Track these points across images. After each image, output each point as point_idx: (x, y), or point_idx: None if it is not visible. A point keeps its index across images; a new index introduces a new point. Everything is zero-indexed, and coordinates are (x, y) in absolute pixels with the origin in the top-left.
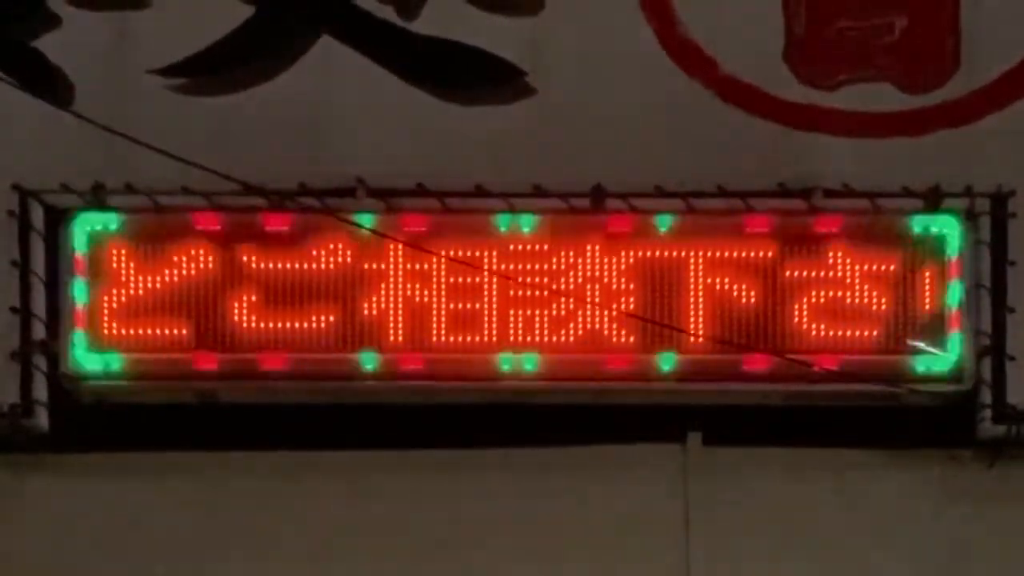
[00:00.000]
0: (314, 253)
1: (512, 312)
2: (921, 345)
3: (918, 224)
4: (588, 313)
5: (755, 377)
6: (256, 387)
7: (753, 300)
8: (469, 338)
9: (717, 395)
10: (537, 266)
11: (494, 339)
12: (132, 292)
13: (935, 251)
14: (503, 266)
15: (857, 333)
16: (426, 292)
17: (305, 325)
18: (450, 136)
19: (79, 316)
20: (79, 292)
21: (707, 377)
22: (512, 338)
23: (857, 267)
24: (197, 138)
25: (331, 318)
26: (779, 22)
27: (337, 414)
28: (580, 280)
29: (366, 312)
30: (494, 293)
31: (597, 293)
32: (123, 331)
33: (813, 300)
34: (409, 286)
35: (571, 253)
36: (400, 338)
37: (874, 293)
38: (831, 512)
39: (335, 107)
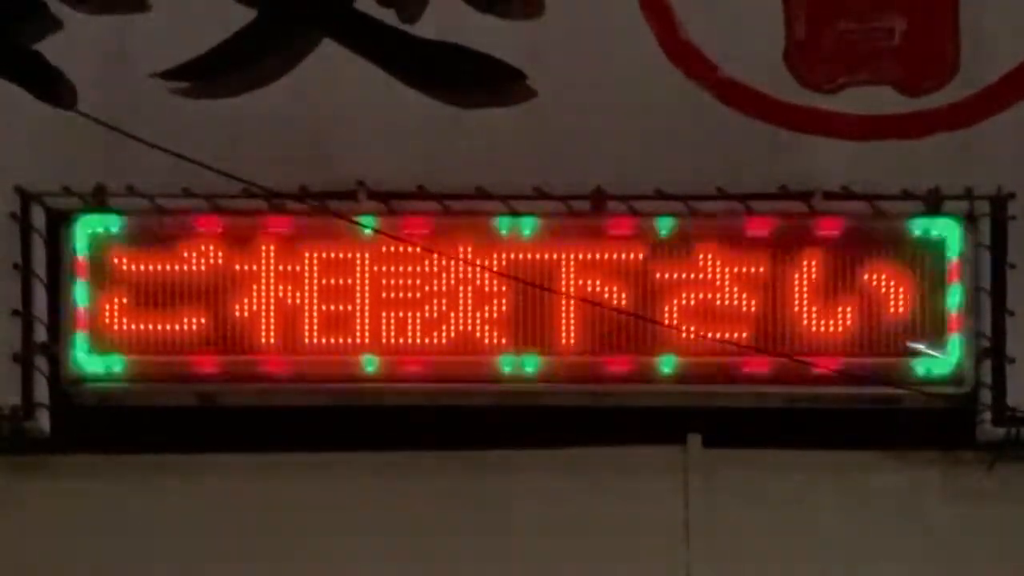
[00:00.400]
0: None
1: (384, 314)
2: (922, 347)
3: (918, 227)
4: (460, 315)
5: (755, 379)
6: (257, 389)
7: (624, 302)
8: (339, 340)
9: (717, 397)
10: (410, 268)
11: (366, 340)
12: (133, 294)
13: (935, 254)
14: (376, 268)
15: (727, 335)
16: (298, 294)
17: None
18: (450, 139)
19: (80, 318)
20: (80, 294)
21: (707, 379)
22: (384, 339)
23: (727, 269)
24: (198, 141)
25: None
26: (779, 25)
27: (338, 416)
28: (452, 283)
29: (237, 314)
30: (366, 294)
31: (469, 295)
32: (124, 333)
33: (683, 302)
34: (281, 288)
35: (442, 257)
36: (272, 339)
37: (743, 295)
38: (831, 514)
39: (336, 110)
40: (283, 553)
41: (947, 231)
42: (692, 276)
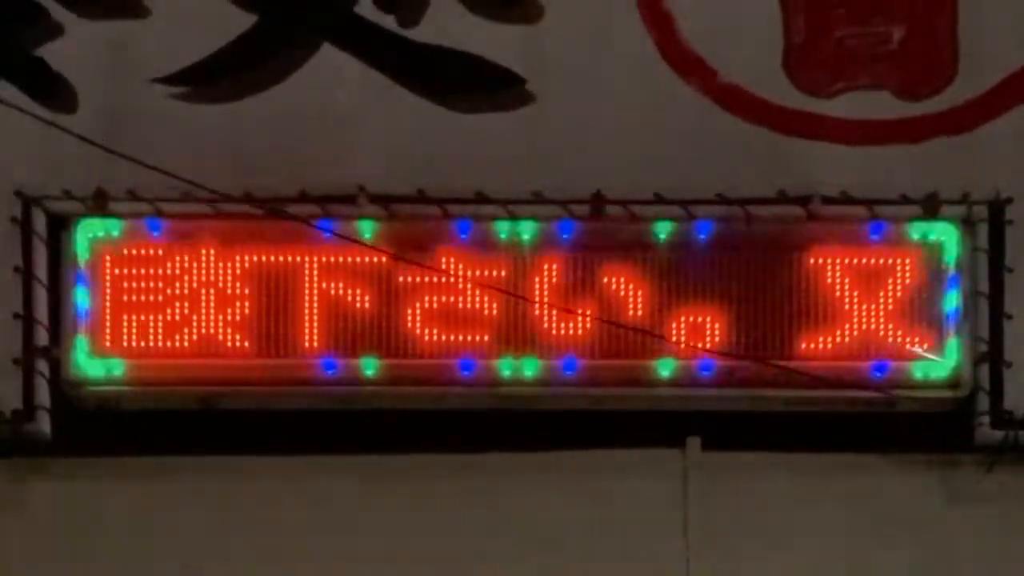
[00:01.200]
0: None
1: (126, 317)
2: (922, 350)
3: (916, 231)
4: (203, 317)
5: (755, 383)
6: (257, 393)
7: (368, 305)
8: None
9: (716, 400)
10: (152, 270)
11: (108, 344)
12: (134, 298)
13: (934, 257)
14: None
15: (470, 338)
16: None
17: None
18: (450, 143)
19: (81, 322)
20: (81, 298)
21: (706, 382)
22: (126, 343)
23: (469, 273)
24: (199, 146)
25: None
26: (778, 30)
27: (339, 419)
28: (195, 284)
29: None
30: (108, 297)
31: (212, 297)
32: (125, 337)
33: (426, 305)
34: None
35: (186, 257)
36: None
37: (485, 299)
38: (830, 517)
39: (336, 114)
40: (283, 555)
41: (945, 235)
42: (435, 279)
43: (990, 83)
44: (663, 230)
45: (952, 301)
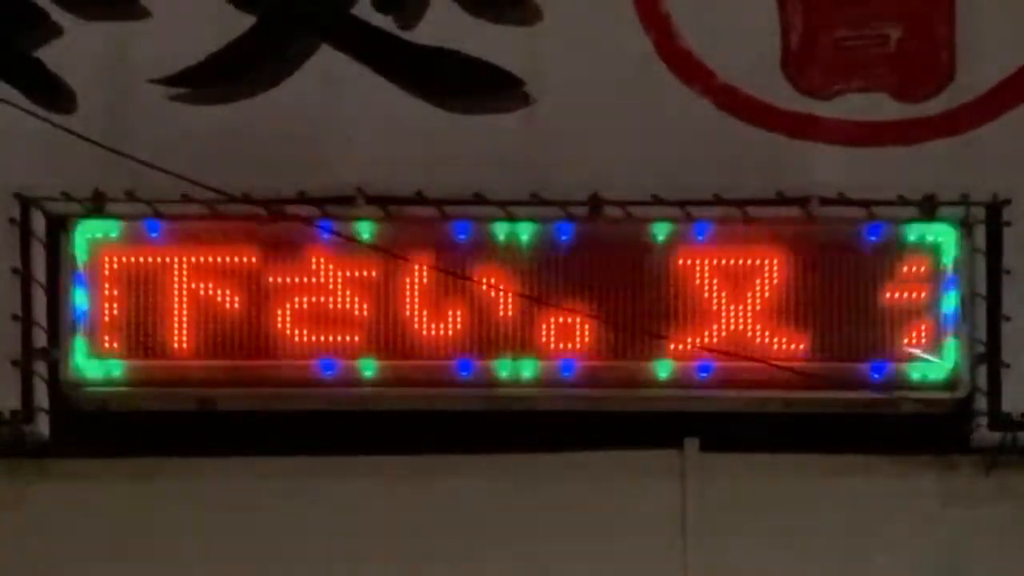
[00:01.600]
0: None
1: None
2: (918, 352)
3: (914, 232)
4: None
5: (753, 384)
6: (256, 394)
7: (237, 306)
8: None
9: (715, 402)
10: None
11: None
12: (133, 299)
13: (930, 259)
14: None
15: (339, 338)
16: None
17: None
18: (449, 145)
19: (80, 323)
20: (80, 299)
21: (703, 384)
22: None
23: (339, 273)
24: (197, 147)
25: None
26: (776, 33)
27: (336, 420)
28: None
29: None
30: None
31: None
32: (123, 338)
33: (296, 306)
34: None
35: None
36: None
37: (356, 298)
38: (828, 518)
39: (334, 116)
40: (282, 555)
41: (943, 237)
42: (305, 280)
43: (987, 85)
44: (661, 232)
45: (950, 302)
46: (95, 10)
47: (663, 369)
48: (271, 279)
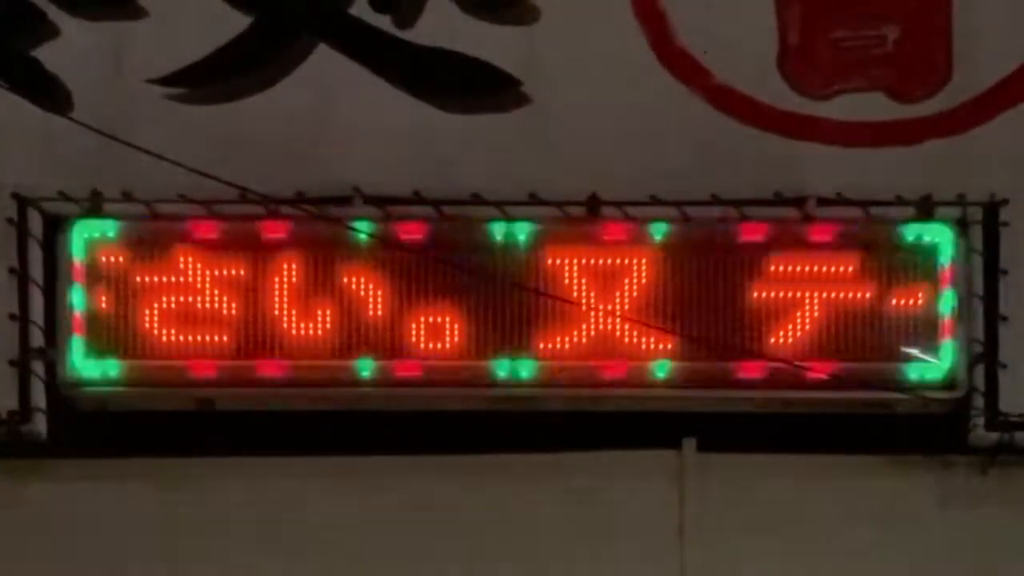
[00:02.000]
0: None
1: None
2: (914, 352)
3: (911, 232)
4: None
5: (751, 384)
6: (254, 394)
7: (104, 305)
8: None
9: (713, 402)
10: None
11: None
12: (130, 299)
13: (927, 259)
14: None
15: (208, 338)
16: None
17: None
18: (446, 145)
19: (77, 323)
20: (77, 299)
21: (702, 384)
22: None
23: (208, 273)
24: (195, 147)
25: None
26: (773, 32)
27: (335, 420)
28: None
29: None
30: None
31: None
32: (121, 338)
33: (164, 305)
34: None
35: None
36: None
37: (225, 298)
38: (826, 518)
39: (332, 116)
40: (281, 555)
41: (940, 237)
42: (173, 279)
43: (985, 85)
44: (658, 231)
45: (948, 303)
46: (92, 10)
47: (660, 369)
48: (138, 279)
